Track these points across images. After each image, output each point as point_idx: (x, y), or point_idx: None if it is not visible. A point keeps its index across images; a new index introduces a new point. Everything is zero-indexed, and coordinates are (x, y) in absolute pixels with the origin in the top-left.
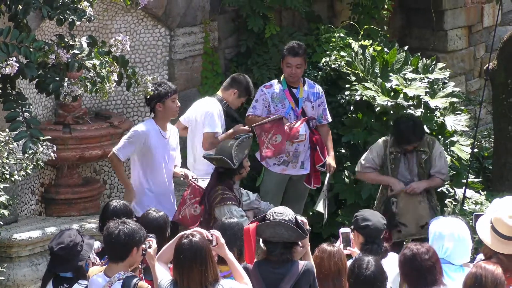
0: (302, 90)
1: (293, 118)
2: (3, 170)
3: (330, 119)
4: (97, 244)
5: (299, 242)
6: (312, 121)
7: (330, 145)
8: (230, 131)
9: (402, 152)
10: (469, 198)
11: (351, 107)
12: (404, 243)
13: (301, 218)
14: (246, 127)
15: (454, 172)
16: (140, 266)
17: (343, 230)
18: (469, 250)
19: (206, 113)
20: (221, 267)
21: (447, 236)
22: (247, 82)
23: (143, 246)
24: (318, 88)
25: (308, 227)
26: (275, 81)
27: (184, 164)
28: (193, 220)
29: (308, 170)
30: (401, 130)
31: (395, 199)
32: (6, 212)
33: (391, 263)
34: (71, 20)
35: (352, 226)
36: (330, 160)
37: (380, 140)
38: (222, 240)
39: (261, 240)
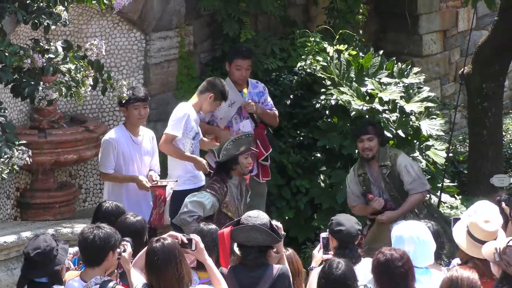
0: (246, 91)
1: (239, 120)
2: None
3: (276, 110)
4: (75, 249)
5: (274, 247)
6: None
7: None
8: (192, 156)
9: (368, 173)
10: (444, 202)
11: (327, 112)
12: None
13: (276, 223)
14: (205, 163)
15: (429, 177)
16: (116, 271)
17: (324, 234)
18: (432, 252)
19: (173, 115)
20: (200, 274)
21: (407, 240)
22: (223, 86)
23: (118, 250)
24: (261, 86)
25: (283, 232)
26: None
27: None
28: (160, 220)
29: (254, 171)
30: (357, 125)
31: (369, 223)
32: None
33: (364, 269)
34: (46, 24)
35: (328, 230)
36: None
37: (350, 171)
38: (202, 245)
39: (235, 244)
